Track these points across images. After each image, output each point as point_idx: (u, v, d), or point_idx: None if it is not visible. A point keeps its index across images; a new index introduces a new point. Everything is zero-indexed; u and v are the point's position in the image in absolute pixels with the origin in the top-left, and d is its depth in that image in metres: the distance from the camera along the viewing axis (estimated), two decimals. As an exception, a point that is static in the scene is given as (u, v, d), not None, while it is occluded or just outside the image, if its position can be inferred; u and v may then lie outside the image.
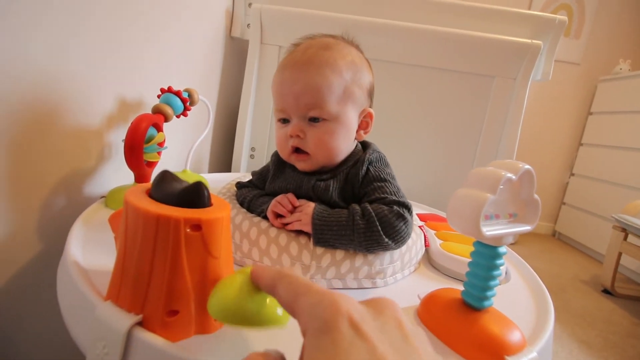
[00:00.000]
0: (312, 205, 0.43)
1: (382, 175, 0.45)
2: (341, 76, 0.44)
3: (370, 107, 0.50)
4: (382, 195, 0.43)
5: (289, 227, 0.42)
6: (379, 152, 0.49)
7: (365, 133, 0.50)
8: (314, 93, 0.44)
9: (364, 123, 0.49)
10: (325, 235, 0.40)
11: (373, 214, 0.40)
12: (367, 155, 0.46)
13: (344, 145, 0.47)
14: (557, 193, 2.22)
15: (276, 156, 0.52)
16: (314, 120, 0.45)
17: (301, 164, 0.47)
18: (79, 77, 0.51)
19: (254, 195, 0.50)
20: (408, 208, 0.42)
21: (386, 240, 0.40)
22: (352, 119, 0.47)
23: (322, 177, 0.46)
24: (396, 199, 0.42)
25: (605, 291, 1.38)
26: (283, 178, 0.50)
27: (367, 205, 0.41)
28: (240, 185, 0.55)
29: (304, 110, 0.45)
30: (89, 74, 0.53)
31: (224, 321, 0.24)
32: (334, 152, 0.46)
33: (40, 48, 0.44)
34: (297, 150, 0.47)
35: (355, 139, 0.49)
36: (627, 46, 2.09)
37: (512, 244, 1.86)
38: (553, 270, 1.59)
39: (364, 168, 0.45)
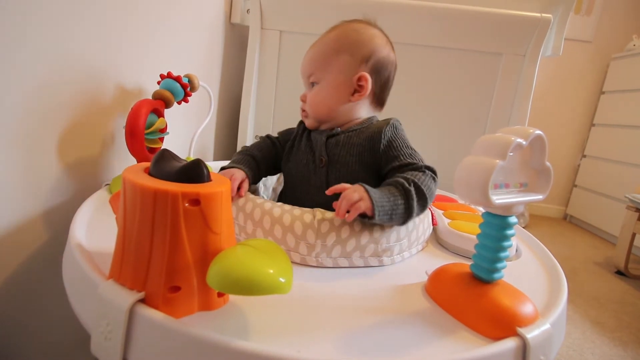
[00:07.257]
0: (357, 187, 0.40)
1: (406, 143, 0.50)
2: (331, 47, 0.53)
3: (369, 73, 0.52)
4: (411, 161, 0.46)
5: (350, 216, 0.38)
6: (399, 123, 0.53)
7: (360, 96, 0.52)
8: (311, 63, 0.55)
9: (359, 87, 0.52)
10: (384, 216, 0.39)
11: (421, 186, 0.42)
12: (391, 122, 0.51)
13: (333, 104, 0.53)
14: (569, 175, 2.17)
15: (301, 123, 0.59)
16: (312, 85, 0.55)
17: (305, 121, 0.57)
18: (79, 67, 0.51)
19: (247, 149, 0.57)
20: (434, 170, 0.46)
21: (428, 205, 0.43)
22: (338, 81, 0.52)
23: (332, 134, 0.52)
24: (424, 164, 0.46)
25: (619, 272, 1.35)
26: (295, 151, 0.56)
27: (410, 177, 0.43)
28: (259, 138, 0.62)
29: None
30: (89, 64, 0.53)
31: (224, 290, 0.23)
32: (322, 110, 0.54)
33: (39, 38, 0.44)
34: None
35: (350, 100, 0.52)
36: (641, 21, 2.01)
37: (523, 227, 1.83)
38: (565, 253, 1.56)
39: (388, 134, 0.50)
